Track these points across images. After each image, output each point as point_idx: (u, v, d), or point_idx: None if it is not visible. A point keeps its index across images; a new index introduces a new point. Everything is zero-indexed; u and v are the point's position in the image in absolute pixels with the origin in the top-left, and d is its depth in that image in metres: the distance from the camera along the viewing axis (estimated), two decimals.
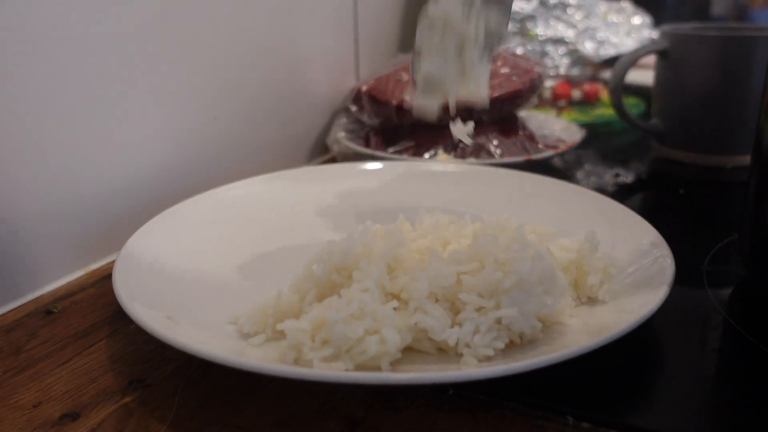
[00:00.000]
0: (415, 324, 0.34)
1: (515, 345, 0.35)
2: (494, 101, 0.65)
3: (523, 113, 0.74)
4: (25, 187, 0.43)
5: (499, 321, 0.34)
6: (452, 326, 0.34)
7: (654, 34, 1.03)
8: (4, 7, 0.41)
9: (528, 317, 0.34)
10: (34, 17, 0.42)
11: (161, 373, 0.36)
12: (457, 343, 0.34)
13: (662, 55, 0.70)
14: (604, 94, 0.93)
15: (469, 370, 0.32)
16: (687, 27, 0.73)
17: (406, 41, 0.94)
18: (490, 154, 0.66)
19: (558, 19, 0.99)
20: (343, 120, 0.74)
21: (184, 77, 0.55)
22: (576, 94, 0.93)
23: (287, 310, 0.36)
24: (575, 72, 1.00)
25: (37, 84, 0.43)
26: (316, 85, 0.74)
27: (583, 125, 0.78)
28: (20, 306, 0.44)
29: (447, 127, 0.67)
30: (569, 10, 1.00)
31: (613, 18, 1.03)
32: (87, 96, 0.46)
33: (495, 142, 0.66)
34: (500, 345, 0.34)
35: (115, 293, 0.36)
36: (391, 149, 0.67)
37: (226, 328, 0.37)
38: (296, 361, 0.32)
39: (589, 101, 0.93)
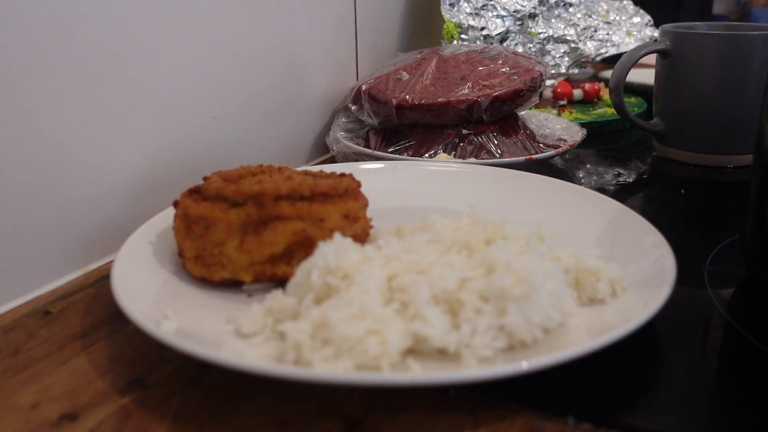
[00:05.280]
0: (414, 332, 0.34)
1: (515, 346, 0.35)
2: (494, 100, 0.65)
3: (523, 112, 0.74)
4: (24, 187, 0.43)
5: (502, 327, 0.34)
6: (453, 326, 0.34)
7: (655, 33, 1.03)
8: (4, 7, 0.40)
9: (532, 327, 0.34)
10: (33, 18, 0.42)
11: (160, 373, 0.36)
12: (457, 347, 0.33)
13: (663, 54, 0.70)
14: (605, 94, 0.93)
15: (469, 370, 0.32)
16: (688, 26, 0.73)
17: (406, 41, 0.94)
18: (491, 154, 0.65)
19: (559, 17, 0.99)
20: (342, 119, 0.74)
21: (184, 77, 0.55)
22: (577, 93, 0.93)
23: (286, 311, 0.36)
24: (576, 71, 1.00)
25: (36, 84, 0.43)
26: (316, 85, 0.73)
27: (584, 125, 0.78)
28: (18, 306, 0.44)
29: (447, 127, 0.67)
30: (570, 9, 1.00)
31: (614, 17, 1.02)
32: (86, 96, 0.46)
33: (495, 142, 0.66)
34: (499, 345, 0.33)
35: (114, 294, 0.36)
36: (390, 149, 0.67)
37: (225, 329, 0.37)
38: (296, 362, 0.32)
39: (589, 100, 0.93)
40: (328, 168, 0.54)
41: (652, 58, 0.73)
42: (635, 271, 0.40)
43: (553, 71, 0.97)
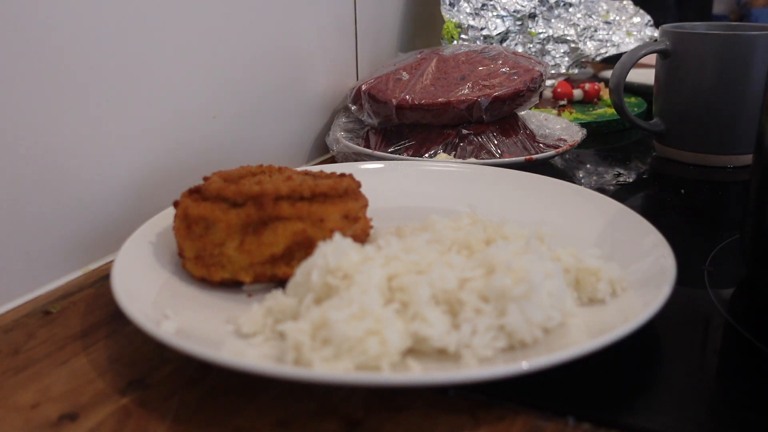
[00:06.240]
0: (414, 332, 0.34)
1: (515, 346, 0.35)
2: (494, 100, 0.65)
3: (523, 112, 0.74)
4: (24, 187, 0.43)
5: (502, 327, 0.34)
6: (453, 326, 0.34)
7: (655, 33, 1.03)
8: (4, 8, 0.40)
9: (532, 327, 0.34)
10: (33, 17, 0.42)
11: (160, 373, 0.36)
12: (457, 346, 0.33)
13: (663, 54, 0.70)
14: (605, 94, 0.93)
15: (469, 370, 0.32)
16: (688, 26, 0.73)
17: (406, 41, 0.94)
18: (491, 154, 0.65)
19: (559, 17, 0.99)
20: (342, 120, 0.74)
21: (184, 76, 0.55)
22: (577, 93, 0.93)
23: (286, 311, 0.36)
24: (576, 71, 1.00)
25: (36, 84, 0.43)
26: (316, 85, 0.73)
27: (584, 125, 0.78)
28: (18, 306, 0.44)
29: (447, 127, 0.67)
30: (570, 9, 1.00)
31: (614, 17, 1.02)
32: (86, 96, 0.46)
33: (495, 142, 0.66)
34: (500, 345, 0.33)
35: (114, 294, 0.36)
36: (390, 149, 0.67)
37: (225, 329, 0.37)
38: (296, 362, 0.32)
39: (589, 101, 0.93)
40: (328, 168, 0.54)
41: (652, 58, 0.73)
42: (635, 271, 0.40)
43: (553, 71, 0.97)
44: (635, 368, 0.36)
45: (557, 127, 0.75)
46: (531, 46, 0.96)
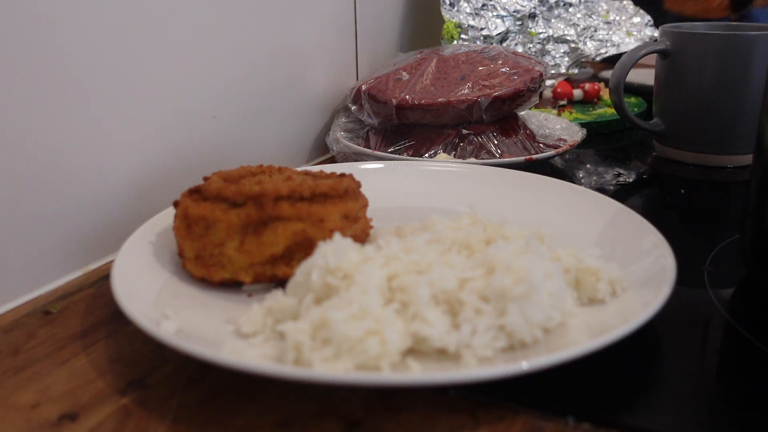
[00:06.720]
0: (414, 332, 0.34)
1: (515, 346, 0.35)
2: (494, 100, 0.65)
3: (523, 112, 0.74)
4: (24, 187, 0.43)
5: (502, 327, 0.34)
6: (453, 326, 0.34)
7: (655, 33, 1.03)
8: (4, 8, 0.40)
9: (532, 327, 0.34)
10: (33, 17, 0.42)
11: (160, 373, 0.36)
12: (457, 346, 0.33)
13: (663, 54, 0.70)
14: (605, 94, 0.93)
15: (469, 370, 0.32)
16: (688, 26, 0.73)
17: (406, 41, 0.94)
18: (491, 154, 0.65)
19: (559, 17, 0.99)
20: (342, 119, 0.74)
21: (184, 76, 0.55)
22: (577, 93, 0.93)
23: (286, 311, 0.36)
24: (576, 71, 1.00)
25: (36, 84, 0.43)
26: (316, 84, 0.73)
27: (584, 125, 0.78)
28: (18, 306, 0.44)
29: (447, 127, 0.67)
30: (570, 9, 1.00)
31: (614, 17, 1.02)
32: (86, 96, 0.46)
33: (495, 142, 0.66)
34: (500, 345, 0.33)
35: (114, 294, 0.36)
36: (390, 149, 0.67)
37: (225, 329, 0.37)
38: (296, 362, 0.32)
39: (589, 101, 0.93)
40: (328, 168, 0.54)
41: (652, 58, 0.73)
42: (635, 271, 0.40)
43: (553, 71, 0.97)
44: (635, 368, 0.36)
45: (557, 127, 0.75)
46: (531, 46, 0.96)
